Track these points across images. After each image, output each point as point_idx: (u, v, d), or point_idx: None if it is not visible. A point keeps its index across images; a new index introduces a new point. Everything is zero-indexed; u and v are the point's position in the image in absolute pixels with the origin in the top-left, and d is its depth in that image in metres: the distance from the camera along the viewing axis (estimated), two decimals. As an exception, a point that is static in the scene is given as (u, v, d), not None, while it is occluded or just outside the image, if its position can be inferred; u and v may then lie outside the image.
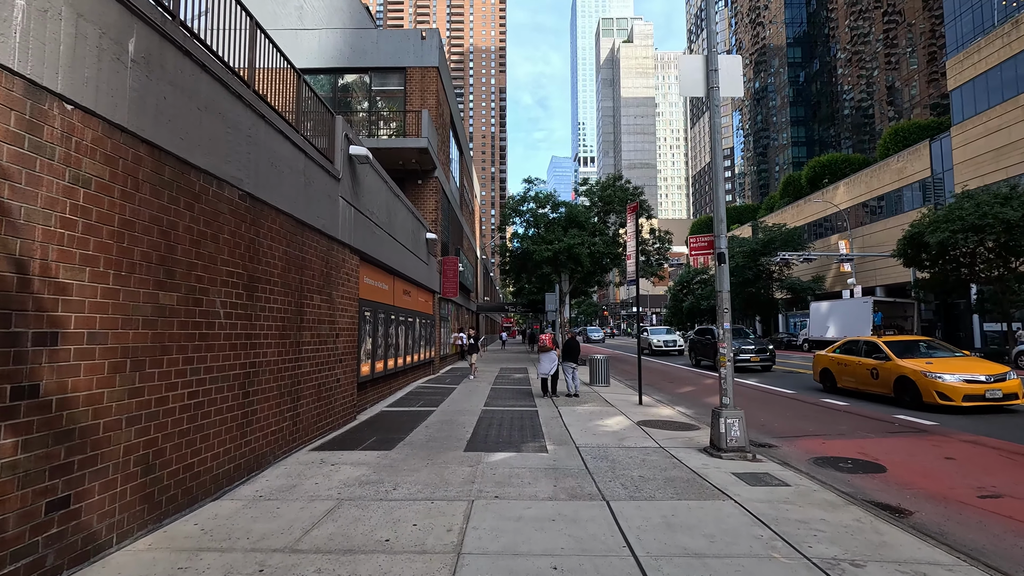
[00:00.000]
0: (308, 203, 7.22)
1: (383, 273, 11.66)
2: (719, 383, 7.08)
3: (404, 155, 17.52)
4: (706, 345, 20.55)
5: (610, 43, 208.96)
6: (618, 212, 25.33)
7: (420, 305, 16.12)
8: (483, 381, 15.93)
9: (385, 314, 11.57)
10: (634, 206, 11.82)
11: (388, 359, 11.82)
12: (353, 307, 9.30)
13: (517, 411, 10.38)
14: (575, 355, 12.59)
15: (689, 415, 10.36)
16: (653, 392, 14.25)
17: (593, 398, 12.38)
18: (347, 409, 8.96)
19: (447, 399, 12.03)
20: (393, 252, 12.08)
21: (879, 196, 40.21)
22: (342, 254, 8.72)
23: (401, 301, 13.38)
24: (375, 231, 10.54)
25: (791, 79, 79.63)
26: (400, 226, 12.96)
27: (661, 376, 19.02)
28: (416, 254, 14.90)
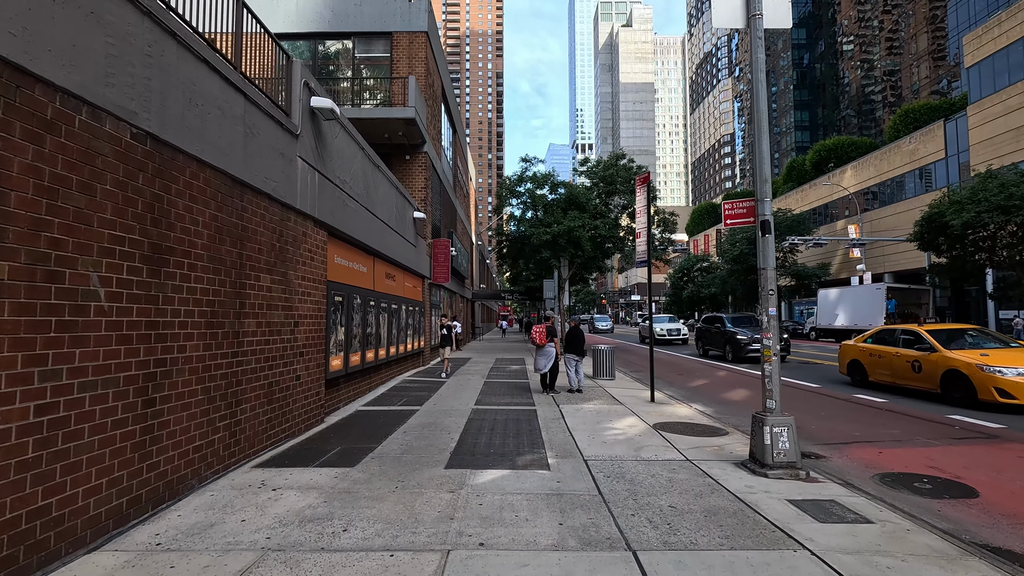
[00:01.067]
0: (250, 159, 5.78)
1: (360, 253, 10.23)
2: (762, 382, 5.71)
3: (389, 127, 16.00)
4: (715, 334, 19.20)
5: (609, 28, 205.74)
6: (621, 193, 23.87)
7: (407, 291, 14.71)
8: (475, 375, 14.57)
9: (363, 300, 10.16)
10: (644, 177, 10.40)
11: (367, 351, 10.43)
12: (319, 291, 7.88)
13: (513, 411, 9.02)
14: (579, 347, 11.22)
15: (710, 415, 9.01)
16: (663, 386, 12.91)
17: (598, 394, 11.04)
18: (311, 411, 7.58)
19: (434, 395, 10.67)
20: (372, 229, 10.65)
21: (889, 179, 38.78)
22: (302, 226, 7.29)
23: (383, 286, 11.96)
24: (348, 203, 9.10)
25: (795, 61, 77.65)
26: (381, 201, 11.51)
27: (669, 367, 17.69)
28: (402, 234, 13.47)
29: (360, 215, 9.80)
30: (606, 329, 51.43)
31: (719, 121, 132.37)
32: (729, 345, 17.65)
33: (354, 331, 9.62)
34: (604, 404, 9.78)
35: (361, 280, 10.27)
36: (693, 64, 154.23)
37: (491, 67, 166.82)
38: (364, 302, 10.24)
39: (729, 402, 10.70)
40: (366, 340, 10.36)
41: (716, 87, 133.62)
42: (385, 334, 11.85)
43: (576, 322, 11.58)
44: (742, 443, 6.79)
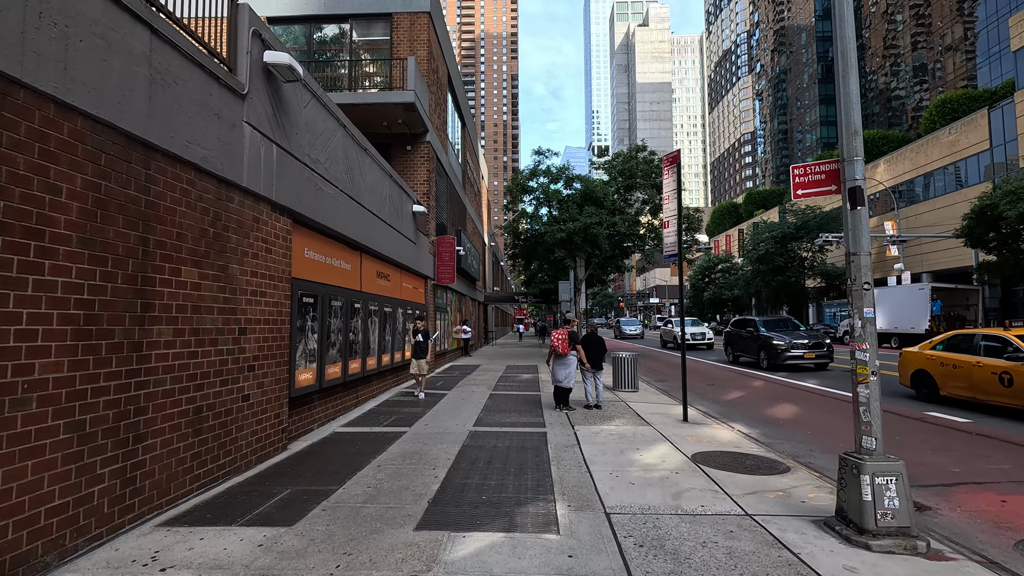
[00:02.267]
0: (162, 115, 4.37)
1: (340, 247, 8.82)
2: (855, 411, 4.13)
3: (388, 114, 14.64)
4: (747, 339, 17.42)
5: (625, 27, 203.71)
6: (642, 187, 22.24)
7: (406, 292, 13.29)
8: (481, 385, 13.07)
9: (346, 302, 8.74)
10: (674, 156, 8.83)
11: (351, 361, 9.00)
12: (280, 290, 6.47)
13: (518, 434, 7.49)
14: (599, 357, 9.66)
15: (758, 440, 7.40)
16: (694, 399, 11.28)
17: (620, 410, 9.47)
18: (267, 438, 6.15)
19: (429, 412, 9.20)
20: (358, 221, 9.24)
21: (927, 173, 36.48)
22: (253, 210, 5.88)
23: (374, 286, 10.55)
24: (323, 188, 7.69)
25: (819, 55, 74.93)
26: (371, 190, 10.11)
27: (697, 376, 15.99)
28: (397, 229, 12.06)
29: (340, 203, 8.39)
30: (635, 334, 44.93)
31: (739, 120, 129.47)
32: (764, 352, 15.90)
33: (333, 338, 8.19)
34: (628, 424, 8.20)
35: (343, 279, 8.86)
36: (711, 62, 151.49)
37: (506, 69, 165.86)
38: (347, 304, 8.82)
39: (776, 421, 9.05)
40: (349, 349, 8.93)
41: (736, 85, 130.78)
42: (376, 341, 10.42)
43: (594, 327, 10.00)
44: (812, 484, 5.19)
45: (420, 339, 10.58)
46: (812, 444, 7.37)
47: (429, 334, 10.89)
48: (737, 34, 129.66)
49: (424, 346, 10.60)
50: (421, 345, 10.56)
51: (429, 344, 10.71)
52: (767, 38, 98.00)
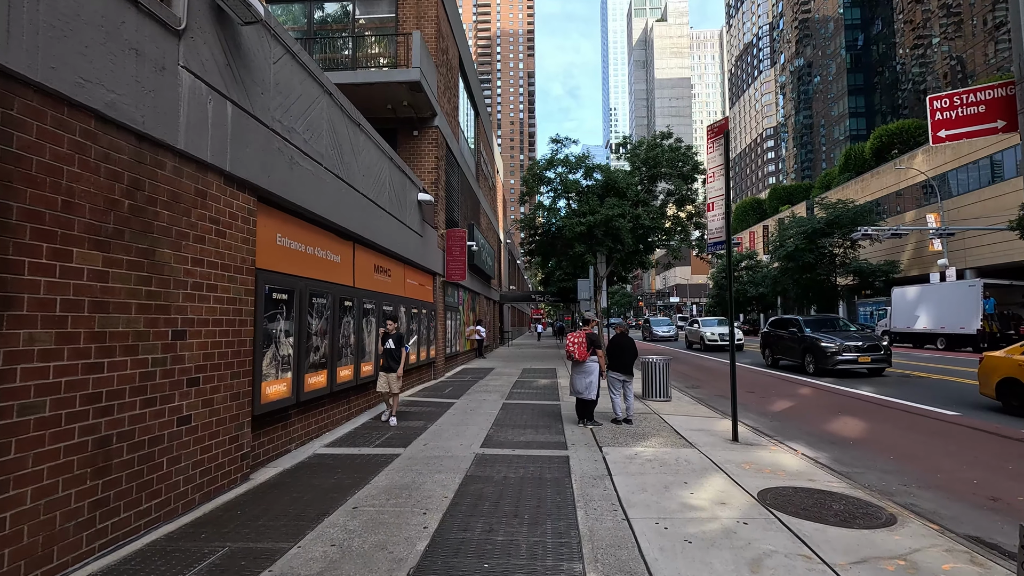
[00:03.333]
0: (27, 31, 3.13)
1: (326, 236, 7.57)
2: None
3: (392, 95, 13.40)
4: (789, 341, 15.76)
5: (643, 23, 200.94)
6: (667, 178, 20.71)
7: (410, 289, 12.04)
8: (494, 392, 11.75)
9: (334, 299, 7.49)
10: (721, 124, 7.41)
11: (339, 368, 7.75)
12: (239, 283, 5.22)
13: (535, 460, 6.16)
14: (628, 363, 8.26)
15: (832, 467, 5.96)
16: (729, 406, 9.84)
17: (654, 426, 8.07)
18: (218, 470, 4.90)
19: (431, 428, 7.90)
20: (350, 206, 7.99)
21: (972, 162, 34.22)
22: (195, 181, 4.63)
23: (370, 281, 9.30)
24: (302, 164, 6.44)
25: (848, 43, 72.05)
26: (366, 172, 8.86)
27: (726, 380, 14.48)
28: (400, 219, 10.81)
29: (325, 183, 7.14)
30: (667, 336, 39.65)
31: (761, 114, 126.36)
32: (810, 355, 14.28)
33: (315, 342, 6.94)
34: (667, 445, 6.81)
35: (330, 272, 7.61)
36: (732, 56, 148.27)
37: (522, 67, 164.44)
38: (336, 302, 7.56)
39: (843, 441, 7.57)
40: (337, 353, 7.67)
41: (757, 79, 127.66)
42: (373, 344, 9.16)
43: (624, 328, 8.59)
44: (938, 547, 3.77)
45: (391, 346, 8.03)
46: (903, 475, 5.90)
47: (404, 339, 8.32)
48: (759, 27, 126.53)
49: (396, 355, 8.03)
50: (392, 354, 8.02)
51: (403, 353, 8.12)
52: (790, 30, 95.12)
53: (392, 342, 8.10)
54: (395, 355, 8.04)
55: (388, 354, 8.05)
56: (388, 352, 8.05)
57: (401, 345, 8.14)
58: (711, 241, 7.55)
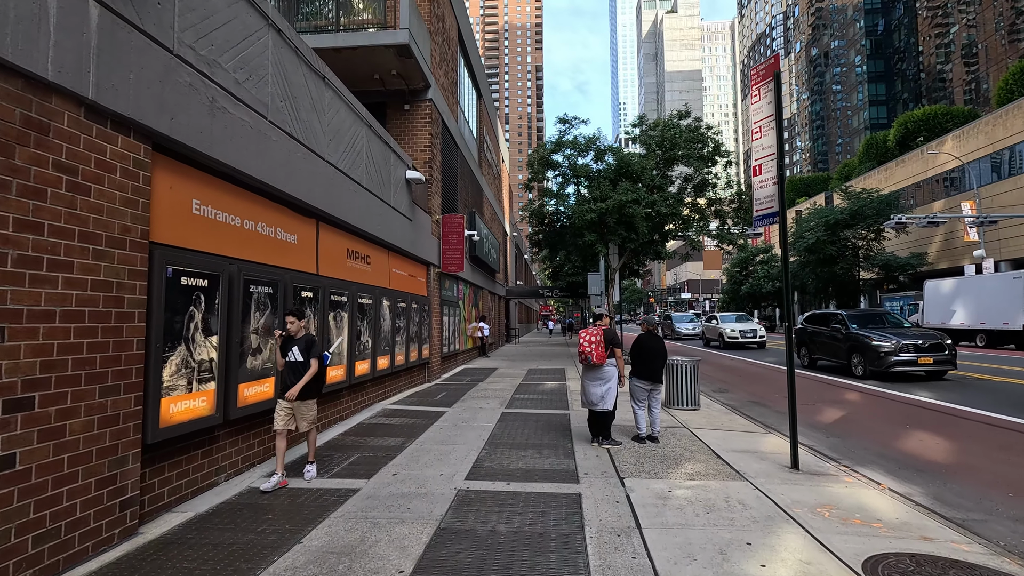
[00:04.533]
0: None
1: (275, 208, 6.05)
2: None
3: (378, 62, 11.86)
4: (831, 339, 13.86)
5: (652, 15, 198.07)
6: (685, 160, 19.04)
7: (397, 280, 10.53)
8: (493, 399, 10.21)
9: (285, 287, 5.98)
10: (769, 66, 5.80)
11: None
12: (122, 260, 3.72)
13: (534, 499, 4.61)
14: (657, 368, 6.65)
15: (937, 510, 4.36)
16: (778, 419, 8.24)
17: (686, 444, 6.49)
18: (72, 532, 3.40)
19: (407, 449, 6.38)
20: (310, 175, 6.48)
21: (1007, 147, 32.13)
22: (27, 105, 3.13)
23: (340, 268, 7.78)
24: (231, 111, 4.93)
25: (868, 29, 69.42)
26: (335, 136, 7.34)
27: (765, 385, 12.86)
28: (382, 198, 9.29)
29: (270, 141, 5.62)
30: (692, 334, 34.54)
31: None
32: (858, 355, 12.54)
33: (253, 342, 5.43)
34: (709, 476, 5.23)
35: (281, 254, 6.09)
36: (744, 47, 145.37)
37: (530, 60, 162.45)
38: (289, 292, 6.05)
39: (934, 469, 5.94)
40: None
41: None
42: (344, 344, 7.65)
43: (651, 326, 6.97)
44: None
45: (296, 357, 5.04)
46: (1043, 525, 4.28)
47: (315, 346, 5.13)
48: (772, 16, 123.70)
49: (300, 368, 5.02)
50: (297, 369, 5.02)
51: (313, 366, 5.05)
52: (806, 17, 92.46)
53: (298, 350, 5.05)
54: (302, 370, 5.01)
55: (291, 370, 5.03)
56: (291, 367, 5.04)
57: (311, 355, 5.06)
58: (760, 213, 5.94)
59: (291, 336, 5.13)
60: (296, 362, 5.05)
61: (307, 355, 5.08)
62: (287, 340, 5.13)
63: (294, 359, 5.05)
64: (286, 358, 5.07)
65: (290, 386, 4.98)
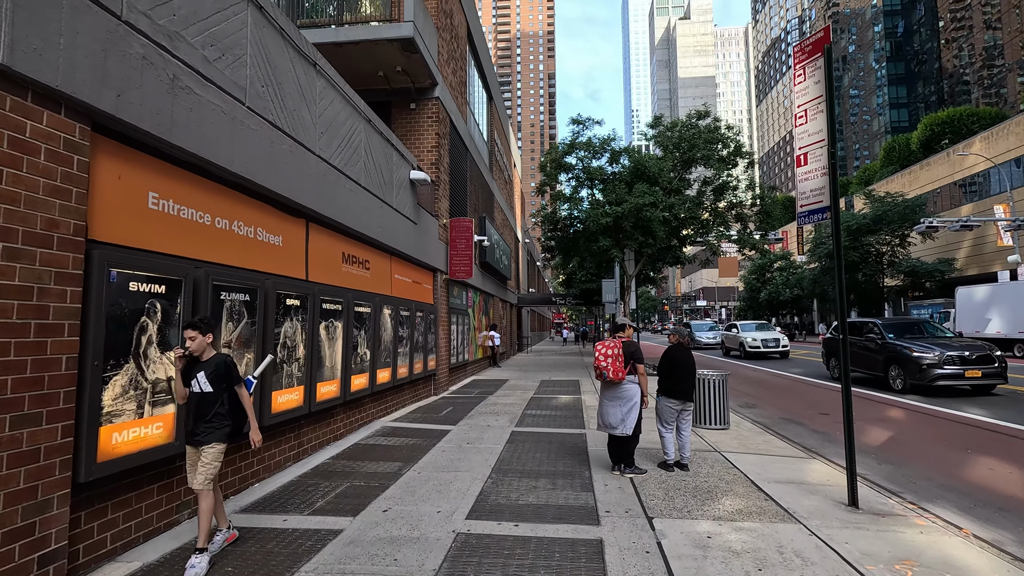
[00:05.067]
0: None
1: (254, 206, 5.40)
2: None
3: (382, 58, 11.28)
4: (865, 349, 12.96)
5: (665, 22, 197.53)
6: (705, 162, 18.23)
7: (399, 287, 9.86)
8: (502, 415, 9.46)
9: (264, 294, 5.32)
10: (820, 38, 5.06)
11: (280, 391, 5.56)
12: (50, 262, 3.07)
13: (547, 547, 3.86)
14: (689, 385, 5.84)
15: (1054, 574, 3.53)
16: (815, 440, 7.39)
17: (719, 472, 5.69)
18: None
19: (403, 477, 5.66)
20: (296, 169, 5.83)
21: (1040, 148, 30.84)
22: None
23: (331, 273, 7.12)
24: (199, 93, 4.30)
25: (887, 31, 68.07)
26: (328, 129, 6.71)
27: (796, 398, 11.97)
28: (382, 198, 8.64)
29: (249, 130, 4.98)
30: (713, 343, 32.04)
31: (790, 111, 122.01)
32: (897, 367, 11.61)
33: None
34: (753, 515, 4.43)
35: (262, 257, 5.44)
36: (759, 53, 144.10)
37: (542, 68, 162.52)
38: (270, 299, 5.38)
39: (1016, 504, 5.08)
40: (280, 371, 5.49)
41: (786, 75, 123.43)
42: (338, 357, 6.97)
43: (681, 337, 6.16)
44: None
45: (203, 387, 3.65)
46: None
47: (230, 371, 3.76)
48: (787, 20, 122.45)
49: (209, 401, 3.65)
50: (204, 402, 3.65)
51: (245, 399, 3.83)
52: (823, 21, 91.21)
53: (204, 377, 3.64)
54: (211, 404, 3.63)
55: (198, 403, 3.65)
56: (197, 400, 3.65)
57: (229, 380, 3.73)
58: (806, 208, 5.17)
59: (192, 356, 3.63)
60: (203, 393, 3.61)
61: (219, 385, 3.64)
62: (191, 363, 3.65)
63: (199, 389, 3.61)
64: (189, 387, 3.64)
65: (193, 431, 3.61)
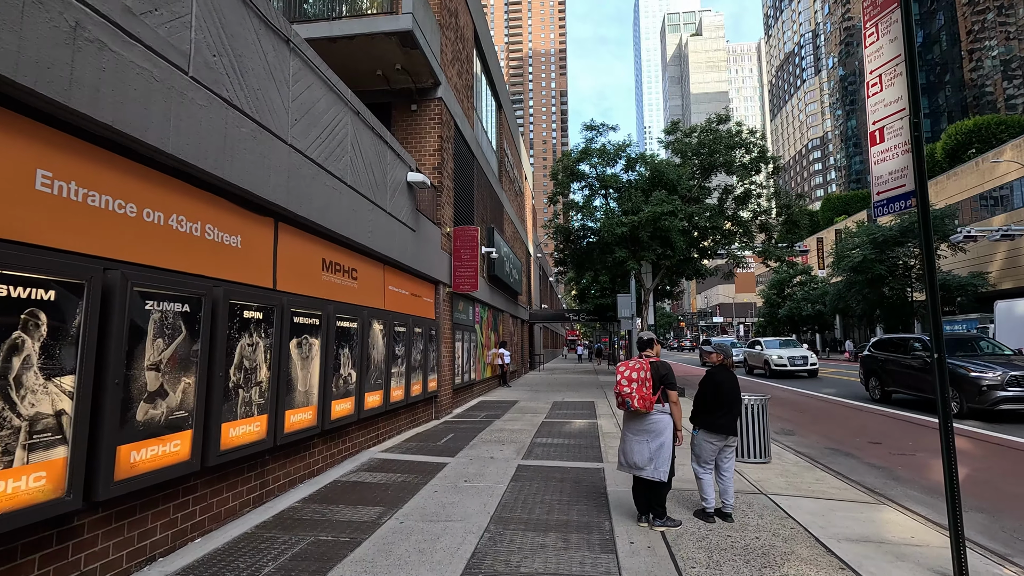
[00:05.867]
0: None
1: (206, 199, 4.48)
2: None
3: (380, 55, 10.48)
4: (912, 368, 11.71)
5: (677, 38, 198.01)
6: (726, 168, 17.19)
7: (395, 300, 8.90)
8: (507, 444, 8.37)
9: (211, 306, 4.37)
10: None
11: (233, 422, 4.59)
12: None
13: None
14: (731, 415, 4.73)
15: None
16: (876, 477, 6.21)
17: (773, 526, 4.57)
18: None
19: (380, 529, 4.61)
20: (261, 159, 4.93)
21: (1078, 155, 29.32)
22: None
23: (306, 283, 6.17)
24: (116, 51, 3.41)
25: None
26: (304, 116, 5.83)
27: (835, 424, 10.74)
28: (373, 200, 7.73)
29: (195, 106, 4.08)
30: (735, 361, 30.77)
31: (805, 125, 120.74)
32: (952, 388, 10.41)
33: (145, 381, 3.79)
34: (833, 598, 3.33)
35: (213, 260, 4.50)
36: (772, 67, 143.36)
37: (554, 86, 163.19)
38: (220, 312, 4.43)
39: None
40: (223, 398, 4.51)
41: (801, 88, 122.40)
42: (316, 380, 5.99)
43: (725, 356, 5.05)
44: None
45: None
46: None
47: None
48: (800, 35, 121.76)
49: None
50: None
51: None
52: (839, 32, 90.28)
53: None
54: None
55: None
56: None
57: None
58: (884, 196, 4.13)
59: None
60: None
61: None
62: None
63: None
64: None
65: None
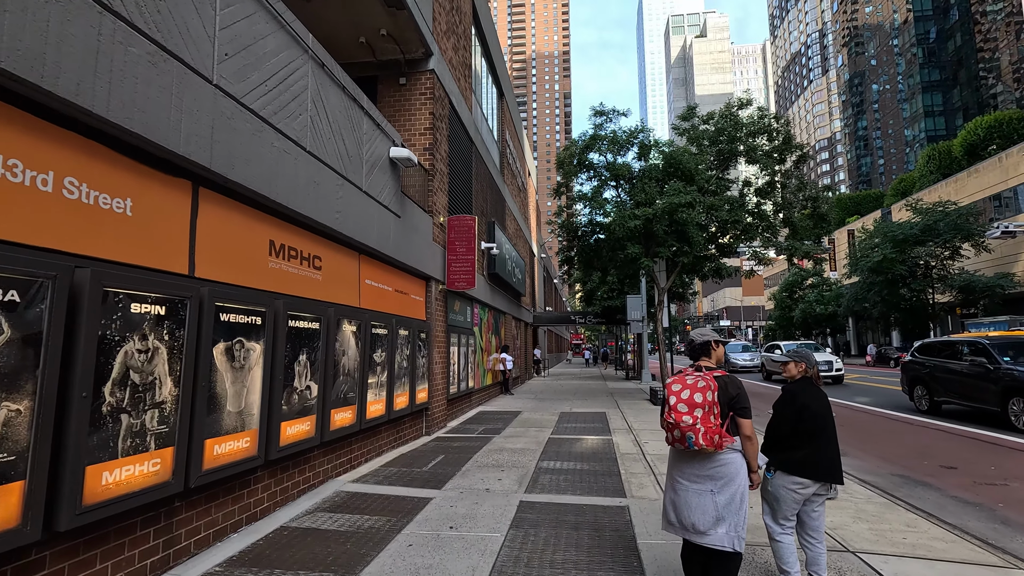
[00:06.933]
0: None
1: (72, 142, 3.11)
2: None
3: (362, 15, 9.13)
4: (967, 375, 10.22)
5: (681, 40, 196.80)
6: (747, 156, 15.78)
7: (373, 297, 7.53)
8: (510, 469, 6.96)
9: (77, 297, 3.01)
10: None
11: (95, 463, 3.22)
12: None
13: None
14: (825, 452, 3.23)
15: None
16: (963, 513, 4.78)
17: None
18: None
19: (327, 611, 3.22)
20: (167, 95, 3.57)
21: (1113, 148, 27.76)
22: None
23: (243, 270, 4.80)
24: None
25: (919, 37, 65.25)
26: (240, 52, 4.48)
27: (891, 442, 9.28)
28: (345, 175, 6.37)
29: (69, 8, 2.71)
30: (750, 366, 29.95)
31: (812, 126, 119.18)
32: (1020, 399, 8.93)
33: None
34: None
35: (77, 230, 3.13)
36: (778, 68, 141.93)
37: (558, 88, 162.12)
38: (87, 306, 3.06)
39: None
40: (88, 426, 3.14)
41: (807, 89, 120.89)
42: (255, 396, 4.61)
43: (809, 367, 3.55)
44: None
45: None
46: None
47: None
48: (807, 35, 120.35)
49: None
50: None
51: None
52: (848, 31, 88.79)
53: None
54: None
55: None
56: None
57: None
58: None
59: None
60: None
61: None
62: None
63: None
64: None
65: None
